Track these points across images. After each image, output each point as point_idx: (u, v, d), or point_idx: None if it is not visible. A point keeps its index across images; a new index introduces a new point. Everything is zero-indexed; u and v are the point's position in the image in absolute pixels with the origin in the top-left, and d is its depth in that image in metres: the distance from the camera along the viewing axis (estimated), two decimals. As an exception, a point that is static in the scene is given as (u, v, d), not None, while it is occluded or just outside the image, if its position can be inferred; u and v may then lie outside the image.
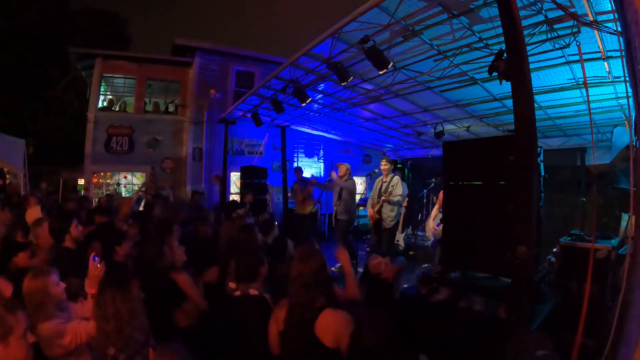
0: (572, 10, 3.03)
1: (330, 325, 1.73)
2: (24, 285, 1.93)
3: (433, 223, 5.48)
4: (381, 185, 5.81)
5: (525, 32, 2.72)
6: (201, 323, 2.48)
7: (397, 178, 5.72)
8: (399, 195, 5.56)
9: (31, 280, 1.93)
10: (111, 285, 1.79)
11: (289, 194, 7.74)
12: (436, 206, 5.64)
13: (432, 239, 6.26)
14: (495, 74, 2.96)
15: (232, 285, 2.29)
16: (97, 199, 8.42)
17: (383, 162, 5.86)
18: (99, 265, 2.00)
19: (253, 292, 2.22)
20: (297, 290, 1.84)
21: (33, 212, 3.98)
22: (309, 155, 10.95)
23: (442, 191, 5.48)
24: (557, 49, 3.49)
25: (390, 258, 3.00)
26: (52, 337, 1.83)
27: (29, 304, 1.87)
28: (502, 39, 2.82)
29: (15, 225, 3.77)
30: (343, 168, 6.30)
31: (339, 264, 5.96)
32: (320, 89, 6.11)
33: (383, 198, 5.56)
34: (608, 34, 3.14)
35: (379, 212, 5.66)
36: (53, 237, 2.97)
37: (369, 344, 1.45)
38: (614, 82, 4.23)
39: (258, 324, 2.05)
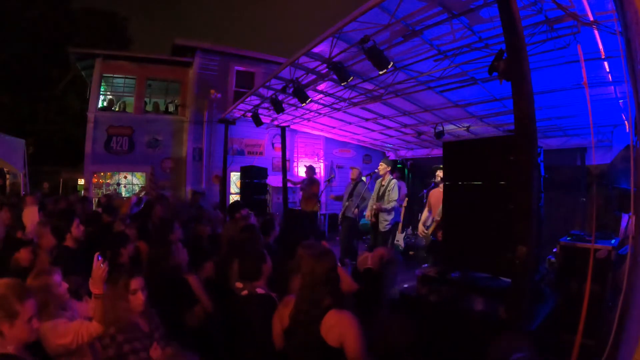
0: (572, 10, 3.04)
1: (335, 325, 1.74)
2: (27, 284, 1.92)
3: (423, 227, 5.38)
4: (379, 188, 5.82)
5: (525, 32, 2.72)
6: (209, 323, 2.50)
7: (394, 181, 5.72)
8: (393, 200, 5.56)
9: (34, 280, 1.94)
10: (109, 282, 1.96)
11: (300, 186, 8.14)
12: (425, 208, 5.54)
13: (423, 242, 6.21)
14: (495, 74, 2.96)
15: (238, 285, 2.31)
16: (97, 199, 8.44)
17: (380, 164, 5.88)
18: (102, 265, 2.00)
19: (260, 290, 2.24)
20: (306, 288, 1.85)
21: (29, 212, 3.98)
22: (309, 155, 10.95)
23: (431, 192, 5.46)
24: (558, 49, 3.49)
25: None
26: (54, 336, 1.83)
27: None
28: (502, 39, 2.82)
29: (13, 224, 3.77)
30: (355, 172, 6.43)
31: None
32: (320, 89, 6.11)
33: (375, 207, 5.57)
34: (608, 34, 3.14)
35: (376, 216, 5.68)
36: (54, 236, 2.97)
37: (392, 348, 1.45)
38: (614, 82, 4.24)
39: (267, 322, 2.06)
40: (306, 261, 1.91)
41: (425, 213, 5.53)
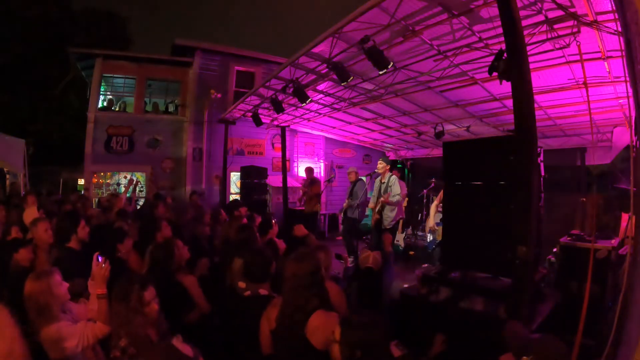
0: (572, 10, 3.04)
1: (321, 327, 1.71)
2: (26, 287, 1.88)
3: (433, 222, 5.53)
4: (380, 186, 5.85)
5: (525, 32, 2.72)
6: (207, 323, 2.49)
7: (394, 177, 5.76)
8: (397, 194, 5.59)
9: (34, 282, 1.88)
10: (114, 293, 1.81)
11: (302, 191, 8.45)
12: (434, 202, 5.69)
13: (430, 239, 6.33)
14: (495, 74, 2.96)
15: (241, 285, 2.28)
16: (97, 199, 8.43)
17: (379, 162, 5.94)
18: (103, 265, 1.99)
19: (263, 292, 2.21)
20: (291, 290, 1.83)
21: (30, 212, 3.97)
22: (309, 155, 10.95)
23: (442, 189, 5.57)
24: (557, 49, 3.49)
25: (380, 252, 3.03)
26: (59, 340, 1.79)
27: (32, 306, 1.84)
28: (502, 39, 2.83)
29: (10, 224, 3.74)
30: (352, 174, 6.48)
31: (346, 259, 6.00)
32: (320, 89, 6.11)
33: (382, 199, 5.59)
34: (608, 34, 3.14)
35: (380, 212, 5.69)
36: (58, 237, 2.94)
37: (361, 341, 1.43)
38: (614, 82, 4.24)
39: None
40: (288, 264, 1.89)
41: (433, 209, 5.59)
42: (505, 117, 6.27)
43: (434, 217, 5.60)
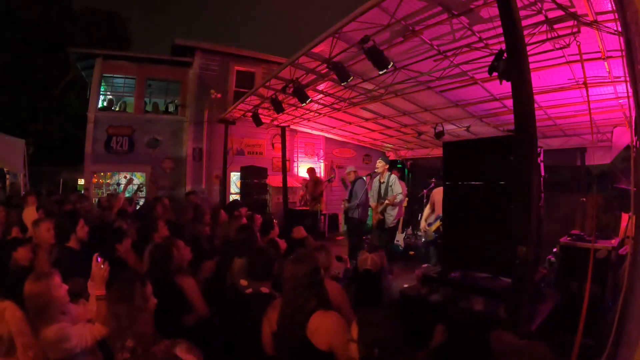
0: (572, 10, 3.04)
1: (322, 328, 1.71)
2: (26, 288, 1.88)
3: (425, 223, 5.58)
4: (379, 186, 5.86)
5: (525, 32, 2.72)
6: (210, 321, 2.49)
7: (393, 177, 5.78)
8: (400, 193, 5.63)
9: (33, 283, 1.89)
10: (115, 294, 1.78)
11: (302, 191, 8.80)
12: (428, 206, 5.73)
13: (422, 240, 6.36)
14: (495, 74, 2.96)
15: (243, 282, 2.29)
16: (97, 199, 8.43)
17: (378, 162, 5.98)
18: (102, 266, 1.99)
19: (264, 290, 2.22)
20: (290, 290, 1.83)
21: (30, 212, 3.97)
22: (309, 155, 10.96)
23: (434, 190, 5.61)
24: (557, 49, 3.49)
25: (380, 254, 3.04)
26: (57, 341, 1.79)
27: (32, 307, 1.84)
28: (502, 39, 2.82)
29: (10, 224, 3.74)
30: (351, 174, 6.46)
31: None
32: (320, 89, 6.11)
33: (387, 202, 5.61)
34: (608, 34, 3.14)
35: (382, 212, 5.72)
36: (57, 236, 2.94)
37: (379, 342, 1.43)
38: (614, 82, 4.24)
39: None
40: (286, 265, 1.90)
41: (427, 210, 5.64)
42: (505, 117, 6.27)
43: (426, 218, 5.63)
